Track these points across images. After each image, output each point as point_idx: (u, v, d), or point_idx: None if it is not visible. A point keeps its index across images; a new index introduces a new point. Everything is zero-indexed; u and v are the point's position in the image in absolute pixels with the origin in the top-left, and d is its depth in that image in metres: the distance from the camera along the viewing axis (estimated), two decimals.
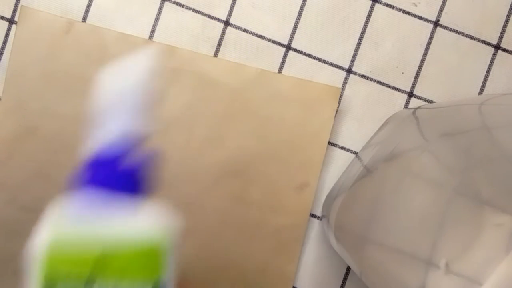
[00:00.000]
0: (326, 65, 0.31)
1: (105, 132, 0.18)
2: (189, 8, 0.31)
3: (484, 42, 0.32)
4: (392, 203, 0.23)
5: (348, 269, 0.31)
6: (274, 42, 0.31)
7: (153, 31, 0.31)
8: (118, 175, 0.18)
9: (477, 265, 0.17)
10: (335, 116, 0.31)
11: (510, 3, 0.32)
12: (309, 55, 0.31)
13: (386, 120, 0.30)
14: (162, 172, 0.29)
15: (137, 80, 0.19)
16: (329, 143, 0.31)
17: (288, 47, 0.31)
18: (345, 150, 0.31)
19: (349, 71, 0.32)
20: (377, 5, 0.31)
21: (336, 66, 0.31)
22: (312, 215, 0.31)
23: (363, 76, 0.32)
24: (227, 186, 0.30)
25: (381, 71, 0.32)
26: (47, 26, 0.30)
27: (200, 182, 0.30)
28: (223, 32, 0.31)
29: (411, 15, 0.32)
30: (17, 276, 0.29)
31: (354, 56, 0.32)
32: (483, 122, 0.22)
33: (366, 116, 0.32)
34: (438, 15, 0.32)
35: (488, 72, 0.32)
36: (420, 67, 0.32)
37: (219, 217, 0.30)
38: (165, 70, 0.30)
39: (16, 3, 0.31)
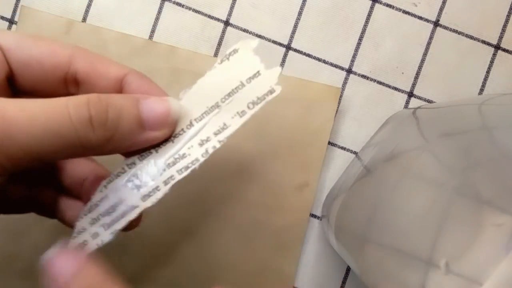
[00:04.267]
0: (326, 65, 0.31)
1: None
2: (189, 8, 0.31)
3: (484, 42, 0.32)
4: (392, 203, 0.23)
5: (348, 269, 0.31)
6: (274, 42, 0.31)
7: (153, 31, 0.31)
8: None
9: (477, 265, 0.17)
10: (335, 116, 0.31)
11: (510, 3, 0.32)
12: (309, 55, 0.31)
13: (386, 120, 0.30)
14: None
15: None
16: (329, 143, 0.31)
17: (288, 47, 0.31)
18: (345, 150, 0.31)
19: (349, 71, 0.32)
20: (377, 5, 0.31)
21: (336, 66, 0.31)
22: (312, 215, 0.31)
23: (363, 76, 0.32)
24: (227, 186, 0.30)
25: (381, 71, 0.32)
26: (47, 26, 0.30)
27: (199, 182, 0.30)
28: (223, 32, 0.31)
29: (411, 15, 0.32)
30: (18, 276, 0.29)
31: (354, 56, 0.32)
32: (483, 122, 0.22)
33: (366, 116, 0.31)
34: (438, 15, 0.32)
35: (488, 72, 0.32)
36: (420, 67, 0.32)
37: (219, 217, 0.30)
38: (165, 70, 0.30)
39: (16, 3, 0.31)
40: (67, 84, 0.20)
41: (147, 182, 0.19)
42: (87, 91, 0.20)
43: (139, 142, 0.19)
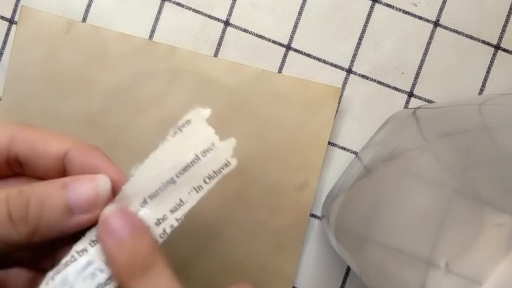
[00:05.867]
0: (326, 65, 0.31)
1: None
2: (189, 8, 0.31)
3: (484, 42, 0.32)
4: (392, 203, 0.23)
5: (348, 269, 0.31)
6: (274, 42, 0.31)
7: (153, 31, 0.31)
8: None
9: (477, 265, 0.17)
10: (335, 116, 0.31)
11: (510, 3, 0.32)
12: (309, 55, 0.31)
13: (386, 120, 0.30)
14: None
15: None
16: (329, 143, 0.31)
17: (288, 47, 0.31)
18: (345, 150, 0.31)
19: (349, 71, 0.32)
20: (377, 5, 0.31)
21: (336, 66, 0.31)
22: (312, 215, 0.31)
23: (363, 76, 0.32)
24: (227, 186, 0.30)
25: (381, 71, 0.32)
26: (47, 26, 0.30)
27: None
28: (223, 32, 0.31)
29: (411, 15, 0.32)
30: None
31: (354, 56, 0.32)
32: (483, 122, 0.22)
33: (366, 116, 0.32)
34: (438, 15, 0.32)
35: (488, 72, 0.32)
36: (420, 67, 0.32)
37: (219, 217, 0.30)
38: (165, 70, 0.30)
39: (16, 3, 0.31)
40: (12, 166, 0.20)
41: (103, 269, 0.18)
42: (30, 171, 0.20)
43: (69, 228, 0.18)
